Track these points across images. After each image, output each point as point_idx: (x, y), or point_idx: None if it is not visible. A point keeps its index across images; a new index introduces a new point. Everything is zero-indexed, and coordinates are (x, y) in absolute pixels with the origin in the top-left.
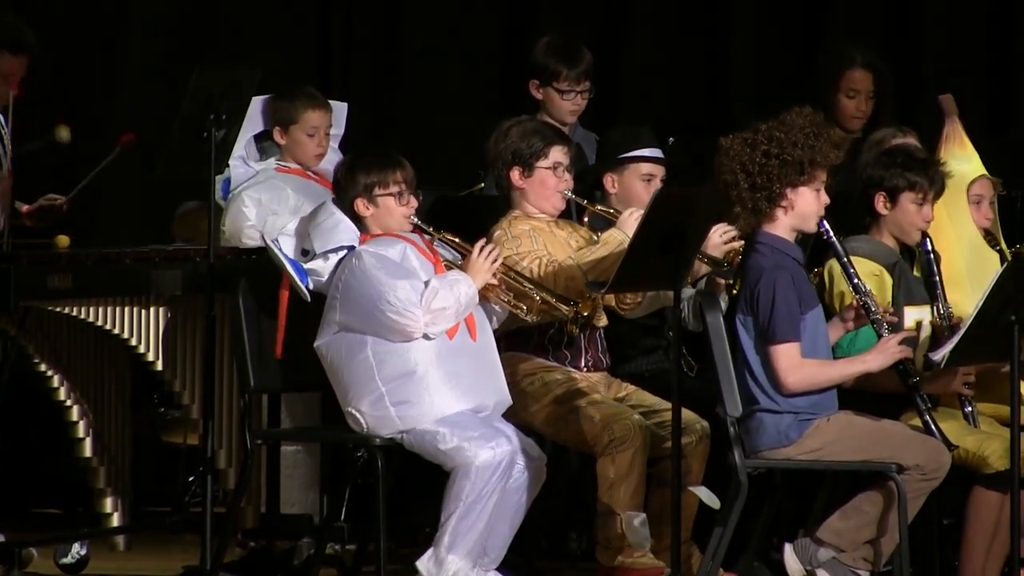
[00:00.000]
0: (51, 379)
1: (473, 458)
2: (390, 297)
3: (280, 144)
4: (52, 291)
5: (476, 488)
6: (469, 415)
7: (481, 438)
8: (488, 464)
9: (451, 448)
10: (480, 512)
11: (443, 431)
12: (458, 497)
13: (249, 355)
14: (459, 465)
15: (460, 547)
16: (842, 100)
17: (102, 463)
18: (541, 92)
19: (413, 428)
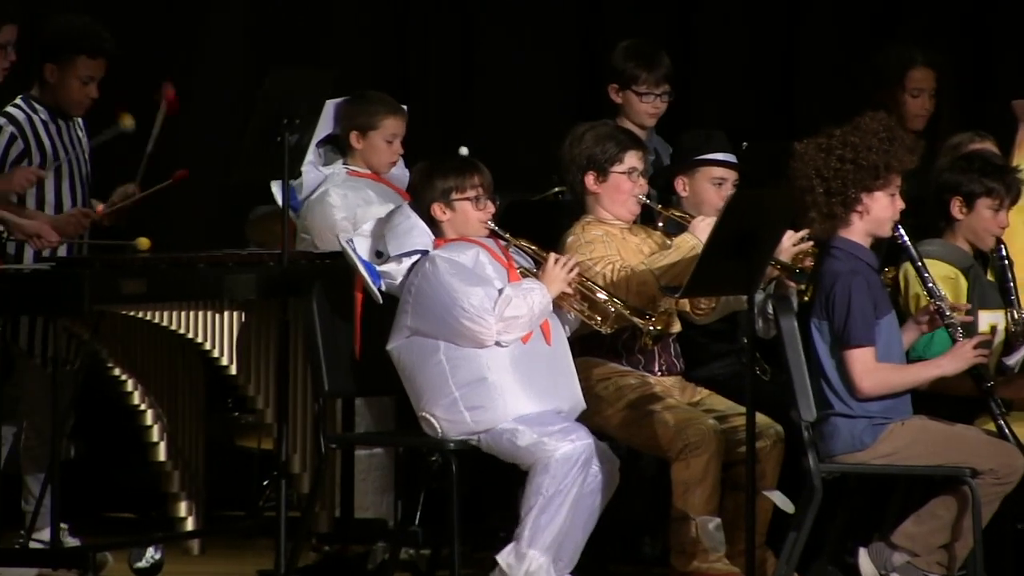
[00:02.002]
0: (125, 384)
1: (553, 451)
2: (464, 304)
3: (355, 148)
4: (126, 296)
5: (556, 481)
6: (545, 411)
7: (560, 432)
8: (568, 457)
9: (530, 443)
10: (559, 506)
11: (521, 428)
12: (537, 492)
13: (323, 359)
14: (538, 460)
15: (540, 542)
16: (906, 99)
17: (176, 467)
18: (620, 96)
19: (490, 428)
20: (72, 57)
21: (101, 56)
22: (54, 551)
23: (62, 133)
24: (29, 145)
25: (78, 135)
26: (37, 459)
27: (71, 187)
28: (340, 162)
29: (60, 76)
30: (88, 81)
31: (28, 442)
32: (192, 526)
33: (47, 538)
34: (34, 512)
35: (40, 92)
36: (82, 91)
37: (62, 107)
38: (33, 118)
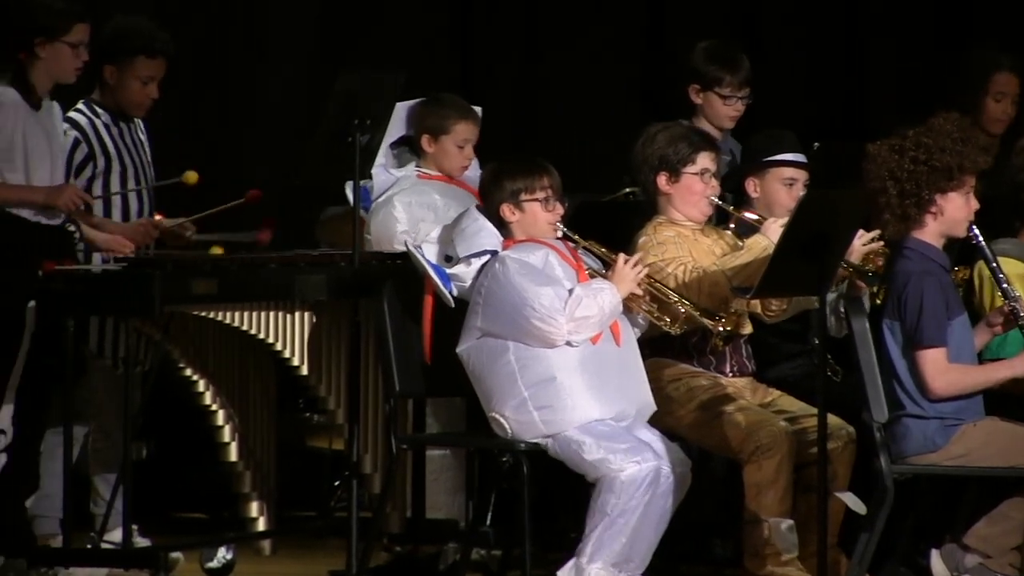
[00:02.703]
0: (196, 384)
1: (619, 472)
2: (534, 304)
3: (427, 151)
4: (197, 296)
5: (621, 502)
6: (615, 426)
7: (628, 451)
8: (633, 479)
9: (596, 459)
10: (623, 526)
11: (588, 441)
12: (602, 510)
13: (394, 360)
14: (603, 477)
15: (602, 557)
16: (989, 103)
17: (248, 468)
18: (701, 97)
19: (557, 434)
20: (131, 58)
21: (160, 56)
22: (125, 551)
23: (124, 135)
24: (93, 149)
25: (139, 136)
26: (105, 460)
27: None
28: (413, 164)
29: (120, 77)
30: (148, 81)
31: (96, 443)
32: (264, 526)
33: (119, 538)
34: (105, 513)
35: (101, 95)
36: (142, 92)
37: (123, 108)
38: (95, 122)
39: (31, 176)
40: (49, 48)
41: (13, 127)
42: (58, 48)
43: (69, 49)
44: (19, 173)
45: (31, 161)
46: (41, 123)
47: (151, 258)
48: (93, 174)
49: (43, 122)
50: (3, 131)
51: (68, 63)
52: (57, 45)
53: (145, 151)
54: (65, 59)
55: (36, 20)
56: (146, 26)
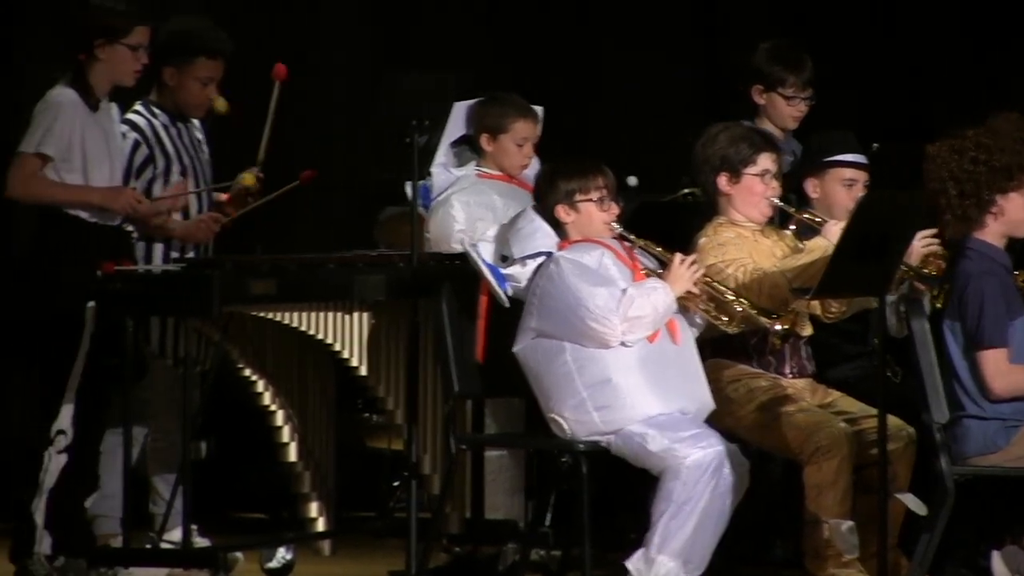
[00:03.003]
0: (255, 384)
1: (684, 458)
2: (589, 304)
3: (486, 151)
4: (256, 296)
5: (687, 488)
6: (675, 415)
7: (691, 438)
8: (699, 464)
9: (661, 449)
10: (690, 512)
11: (652, 432)
12: (668, 498)
13: (453, 360)
14: (669, 466)
15: (670, 548)
16: None
17: (307, 468)
18: (764, 97)
19: (620, 430)
20: (191, 59)
21: (220, 57)
22: (185, 551)
23: (182, 136)
24: (153, 150)
25: (197, 137)
26: (164, 460)
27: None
28: (473, 164)
29: (179, 79)
30: (208, 82)
31: (155, 443)
32: (323, 527)
33: (178, 538)
34: (165, 513)
35: (158, 96)
36: (202, 93)
37: (182, 110)
38: (154, 123)
39: (89, 177)
40: (109, 50)
41: (71, 128)
42: (118, 50)
43: (129, 51)
44: (77, 174)
45: (89, 162)
46: (99, 124)
47: (210, 258)
48: (153, 175)
49: (101, 123)
50: (62, 132)
51: (128, 65)
52: (117, 47)
53: (203, 151)
54: (125, 61)
55: (96, 22)
56: (205, 27)
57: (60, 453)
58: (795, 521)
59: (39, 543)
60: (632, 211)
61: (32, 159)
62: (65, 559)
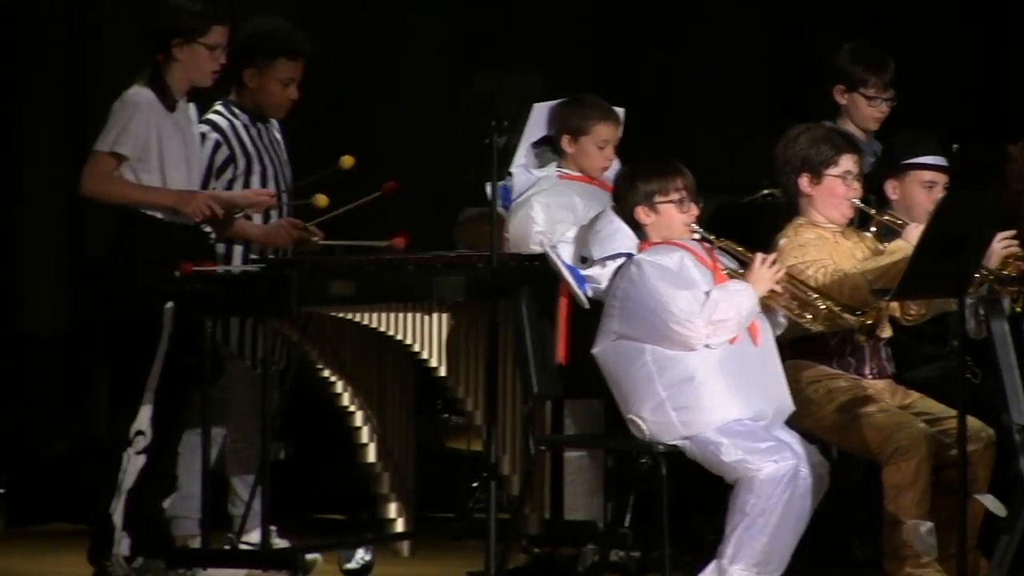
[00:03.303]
0: (334, 385)
1: (757, 471)
2: (672, 307)
3: (567, 152)
4: (334, 297)
5: (760, 502)
6: (752, 425)
7: (766, 451)
8: (772, 477)
9: (735, 460)
10: (763, 525)
11: (726, 442)
12: (742, 510)
13: (532, 361)
14: (742, 477)
15: (743, 559)
16: None
17: (386, 469)
18: (846, 97)
19: (695, 435)
20: (272, 60)
21: (300, 57)
22: (264, 552)
23: (262, 136)
24: (234, 151)
25: (276, 137)
26: (242, 461)
27: (276, 191)
28: (554, 165)
29: (260, 79)
30: (288, 83)
31: (234, 444)
32: (402, 527)
33: (257, 539)
34: (244, 514)
35: (238, 96)
36: (283, 93)
37: (262, 110)
38: (235, 123)
39: (167, 177)
40: (186, 50)
41: (147, 128)
42: (195, 50)
43: (206, 51)
44: (154, 174)
45: (166, 162)
46: (177, 125)
47: (289, 259)
48: (234, 175)
49: (179, 123)
50: (137, 132)
51: (205, 65)
52: (194, 47)
53: (282, 152)
54: (202, 61)
55: (174, 22)
56: (285, 27)
57: (139, 454)
58: (875, 522)
59: (117, 544)
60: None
61: (106, 158)
62: (143, 560)
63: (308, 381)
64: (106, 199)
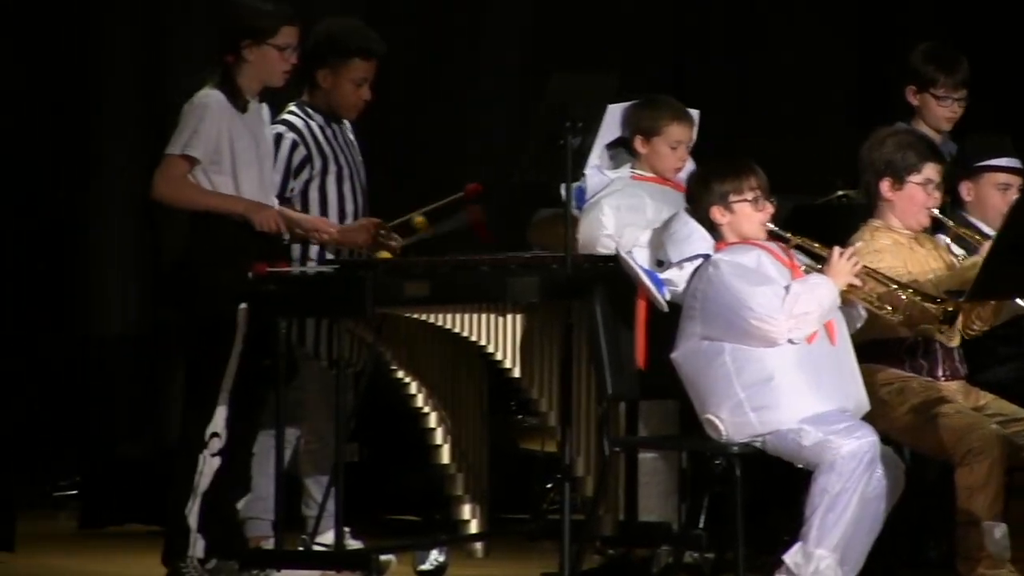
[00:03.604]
0: (408, 386)
1: (838, 449)
2: (752, 304)
3: (640, 153)
4: (409, 298)
5: (842, 479)
6: (831, 410)
7: (846, 430)
8: (853, 454)
9: (815, 443)
10: (846, 505)
11: (806, 428)
12: (823, 490)
13: (607, 363)
14: (823, 459)
15: (827, 541)
16: None
17: (460, 470)
18: (918, 98)
19: (775, 430)
20: (345, 60)
21: (373, 58)
22: (337, 553)
23: (337, 137)
24: (310, 151)
25: (350, 139)
26: (317, 462)
27: (352, 191)
28: (628, 166)
29: (333, 80)
30: (361, 83)
31: (308, 445)
32: (476, 529)
33: (330, 541)
34: (317, 515)
35: (312, 97)
36: (356, 93)
37: (336, 111)
38: (310, 123)
39: (238, 179)
40: (256, 51)
41: (219, 130)
42: (265, 51)
43: (276, 52)
44: (227, 176)
45: (238, 164)
46: (248, 126)
47: (364, 260)
48: (310, 176)
49: (250, 124)
50: (208, 134)
51: (275, 66)
52: (264, 48)
53: (356, 152)
54: (272, 62)
55: (243, 23)
56: (359, 28)
57: (214, 456)
58: (949, 523)
59: (192, 546)
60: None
61: (178, 161)
62: (217, 561)
63: (382, 382)
64: (177, 203)
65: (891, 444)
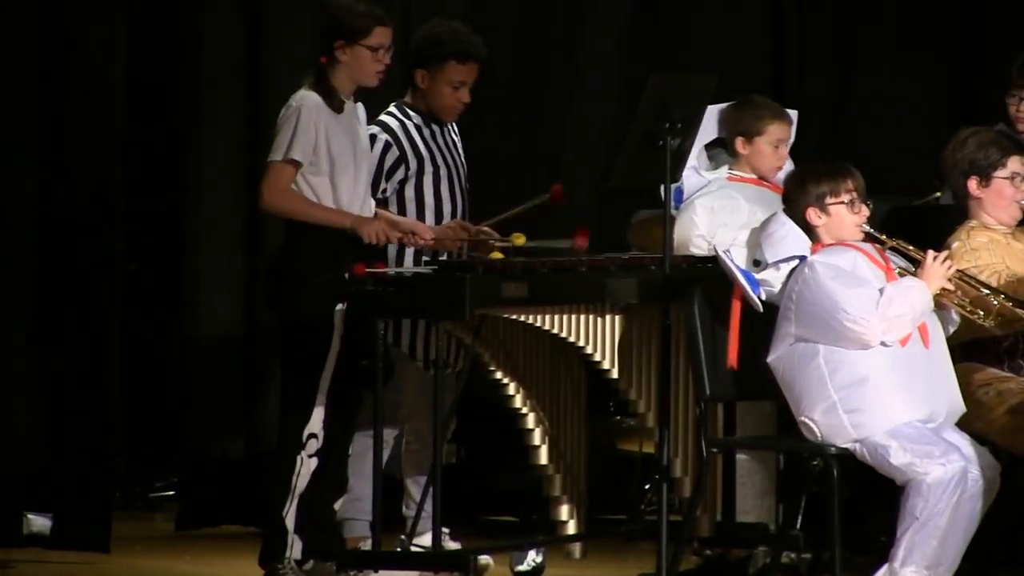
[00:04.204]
0: (507, 387)
1: (925, 475)
2: (846, 306)
3: (741, 153)
4: (507, 299)
5: (928, 505)
6: (921, 428)
7: (934, 454)
8: (940, 481)
9: (903, 464)
10: (933, 529)
11: (895, 445)
12: (911, 514)
13: (704, 363)
14: (911, 481)
15: (914, 562)
16: None
17: (558, 471)
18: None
19: (865, 438)
20: (442, 62)
21: (471, 61)
22: (435, 554)
23: (436, 137)
24: (404, 151)
25: (453, 139)
26: (417, 463)
27: (450, 191)
28: (726, 167)
29: (431, 81)
30: (459, 86)
31: (409, 446)
32: (574, 529)
33: (428, 542)
34: (415, 516)
35: (412, 98)
36: (453, 96)
37: (434, 112)
38: (407, 124)
39: (336, 179)
40: (349, 52)
41: (316, 131)
42: (358, 52)
43: (369, 53)
44: (324, 176)
45: (335, 164)
46: (344, 126)
47: (462, 261)
48: (405, 176)
49: (346, 125)
50: (306, 135)
51: (369, 67)
52: (357, 49)
53: (458, 153)
54: (366, 63)
55: (336, 24)
56: (459, 31)
57: (311, 457)
58: None
59: (289, 547)
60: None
61: (283, 167)
62: (314, 563)
63: (481, 383)
64: (286, 214)
65: (987, 445)
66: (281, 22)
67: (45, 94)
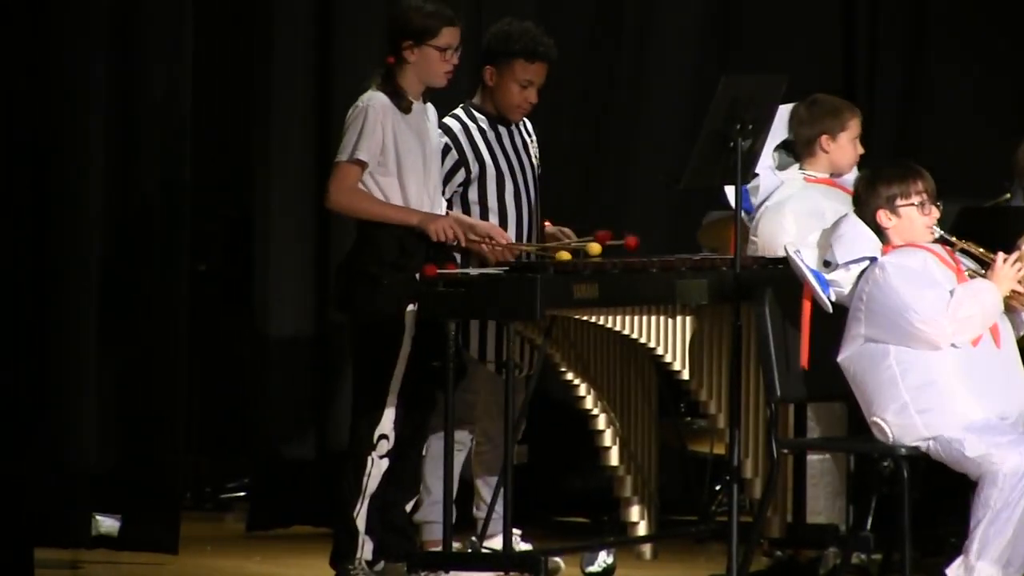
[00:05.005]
0: (577, 388)
1: (1000, 464)
2: (916, 307)
3: (825, 152)
4: (578, 300)
5: (1003, 495)
6: (996, 421)
7: (1009, 444)
8: (1016, 470)
9: (978, 455)
10: (1008, 519)
11: (970, 437)
12: (986, 504)
13: (775, 365)
14: (985, 472)
15: (989, 554)
16: None
17: (628, 472)
18: None
19: (939, 435)
20: (509, 61)
21: (539, 60)
22: (507, 555)
23: (502, 139)
24: (464, 155)
25: (523, 140)
26: (488, 465)
27: (515, 196)
28: (795, 168)
29: (498, 79)
30: (527, 85)
31: (480, 447)
32: (644, 531)
33: (499, 543)
34: (486, 517)
35: (481, 98)
36: (520, 95)
37: (500, 111)
38: (470, 127)
39: (404, 179)
40: (417, 52)
41: (384, 131)
42: (426, 52)
43: (437, 53)
44: (392, 177)
45: (403, 164)
46: (412, 126)
47: (533, 262)
48: (467, 178)
49: (414, 125)
50: (374, 136)
51: (436, 67)
52: (425, 49)
53: (528, 156)
54: (433, 63)
55: (403, 24)
56: (530, 29)
57: (382, 458)
58: None
59: (360, 548)
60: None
61: (350, 167)
62: (385, 564)
63: (552, 384)
64: (353, 213)
65: None
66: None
67: (113, 95)
